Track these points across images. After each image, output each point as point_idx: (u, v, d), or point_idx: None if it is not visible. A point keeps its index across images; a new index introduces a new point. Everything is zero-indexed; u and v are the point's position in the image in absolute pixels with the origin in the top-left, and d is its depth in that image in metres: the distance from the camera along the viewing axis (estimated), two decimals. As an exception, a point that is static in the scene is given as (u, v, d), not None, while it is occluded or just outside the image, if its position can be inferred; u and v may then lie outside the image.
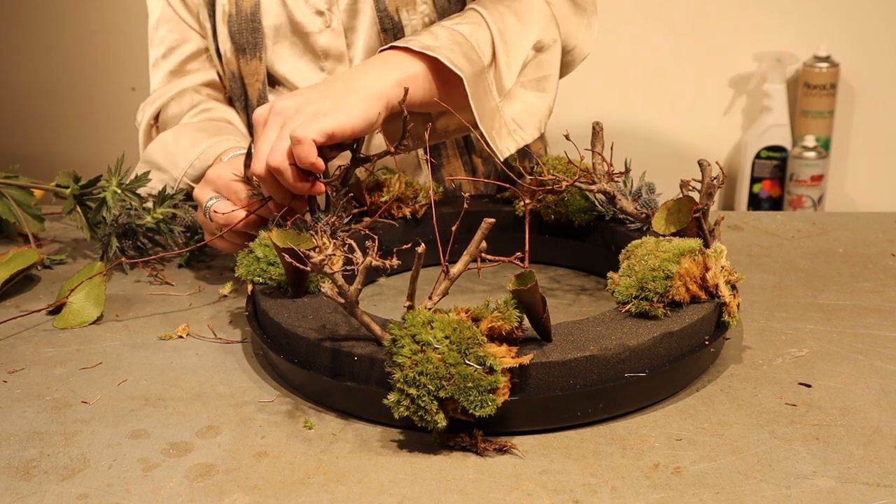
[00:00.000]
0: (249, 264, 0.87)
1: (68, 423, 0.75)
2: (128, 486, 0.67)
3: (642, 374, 0.74)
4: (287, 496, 0.65)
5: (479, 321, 0.71)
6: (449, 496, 0.65)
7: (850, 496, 0.64)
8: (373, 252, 0.72)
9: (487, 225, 0.72)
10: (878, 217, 1.22)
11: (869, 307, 0.94)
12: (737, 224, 1.20)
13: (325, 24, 1.20)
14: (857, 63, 2.27)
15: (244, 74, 1.22)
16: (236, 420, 0.75)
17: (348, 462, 0.69)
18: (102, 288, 0.96)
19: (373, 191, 1.03)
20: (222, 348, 0.88)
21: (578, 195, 0.99)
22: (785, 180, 2.30)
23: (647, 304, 0.78)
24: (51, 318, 0.96)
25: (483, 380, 0.67)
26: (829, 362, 0.82)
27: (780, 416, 0.74)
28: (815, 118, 2.26)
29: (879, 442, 0.70)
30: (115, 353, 0.88)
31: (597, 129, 0.89)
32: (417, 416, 0.68)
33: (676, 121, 2.34)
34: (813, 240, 1.14)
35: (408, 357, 0.67)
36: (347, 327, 0.78)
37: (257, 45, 1.21)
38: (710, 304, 0.80)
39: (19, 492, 0.66)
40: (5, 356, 0.88)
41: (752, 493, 0.64)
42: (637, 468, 0.67)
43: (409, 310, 0.72)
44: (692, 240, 0.82)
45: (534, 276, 0.69)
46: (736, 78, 2.32)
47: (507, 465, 0.68)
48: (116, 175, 1.09)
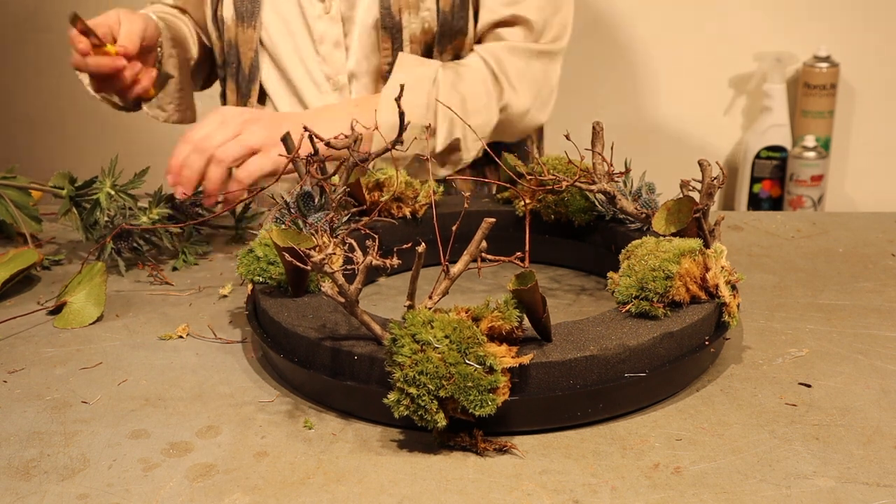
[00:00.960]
0: (249, 264, 0.87)
1: (68, 423, 0.75)
2: (128, 486, 0.67)
3: (642, 374, 0.74)
4: (287, 496, 0.65)
5: (479, 321, 0.71)
6: (449, 496, 0.65)
7: (850, 496, 0.64)
8: (373, 251, 0.72)
9: (488, 225, 0.72)
10: (878, 217, 1.22)
11: (869, 307, 0.94)
12: (737, 224, 1.20)
13: (325, 10, 1.24)
14: (857, 63, 2.27)
15: (239, 42, 1.28)
16: (236, 420, 0.75)
17: (348, 462, 0.69)
18: (102, 288, 0.96)
19: (373, 190, 1.03)
20: (222, 348, 0.88)
21: (578, 195, 0.99)
22: (785, 180, 2.30)
23: (647, 304, 0.78)
24: (51, 318, 0.96)
25: (483, 379, 0.67)
26: (829, 362, 0.82)
27: (780, 416, 0.74)
28: (815, 118, 2.26)
29: (879, 442, 0.70)
30: (115, 353, 0.88)
31: (597, 129, 0.89)
32: (417, 415, 0.68)
33: (676, 121, 2.34)
34: (813, 240, 1.14)
35: (408, 356, 0.67)
36: (347, 327, 0.78)
37: (254, 13, 1.26)
38: (710, 305, 0.80)
39: (19, 492, 0.66)
40: (5, 356, 0.88)
41: (752, 493, 0.64)
42: (637, 468, 0.67)
43: (410, 309, 0.72)
44: (692, 240, 0.82)
45: (534, 276, 0.69)
46: (736, 78, 2.32)
47: (507, 465, 0.68)
48: (110, 176, 1.09)
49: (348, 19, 1.24)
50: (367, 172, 1.03)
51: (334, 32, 1.25)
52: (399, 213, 1.03)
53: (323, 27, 1.25)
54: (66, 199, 1.10)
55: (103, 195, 1.08)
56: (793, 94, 2.29)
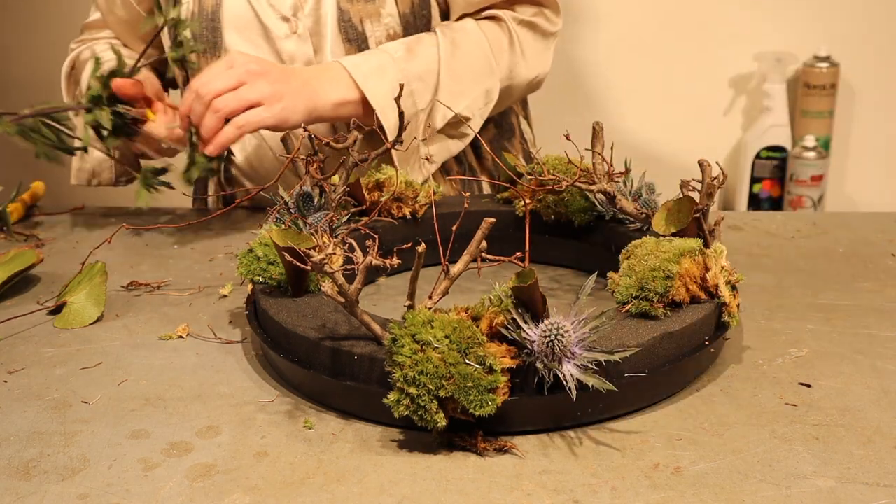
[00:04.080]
0: (249, 264, 0.87)
1: (68, 423, 0.75)
2: (128, 486, 0.67)
3: (642, 374, 0.74)
4: (287, 496, 0.65)
5: (479, 320, 0.71)
6: (449, 496, 0.65)
7: (850, 496, 0.64)
8: (373, 251, 0.72)
9: (488, 224, 0.72)
10: (878, 217, 1.22)
11: (869, 307, 0.94)
12: (737, 224, 1.20)
13: (292, 29, 1.22)
14: (857, 63, 2.27)
15: None
16: (236, 420, 0.75)
17: (348, 462, 0.69)
18: (103, 288, 0.96)
19: (373, 190, 1.03)
20: (222, 348, 0.88)
21: (578, 195, 0.99)
22: (785, 180, 2.30)
23: (647, 304, 0.78)
24: (51, 318, 0.96)
25: (483, 379, 0.67)
26: (829, 362, 0.82)
27: (780, 416, 0.74)
28: (815, 118, 2.26)
29: (879, 442, 0.70)
30: (115, 353, 0.88)
31: (597, 129, 0.89)
32: (417, 415, 0.68)
33: (677, 121, 2.34)
34: (813, 240, 1.14)
35: (408, 356, 0.67)
36: (347, 327, 0.78)
37: (217, 44, 1.23)
38: (710, 305, 0.80)
39: (19, 492, 0.66)
40: (5, 356, 0.88)
41: (752, 493, 0.64)
42: (637, 468, 0.67)
43: (410, 309, 0.72)
44: (692, 240, 0.82)
45: (533, 274, 0.69)
46: (736, 78, 2.32)
47: (507, 465, 0.68)
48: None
49: (316, 34, 1.22)
50: (366, 173, 1.04)
51: (304, 51, 1.22)
52: (399, 213, 1.03)
53: (292, 47, 1.22)
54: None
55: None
56: (793, 94, 2.30)
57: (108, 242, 1.05)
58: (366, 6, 1.20)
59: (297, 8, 1.21)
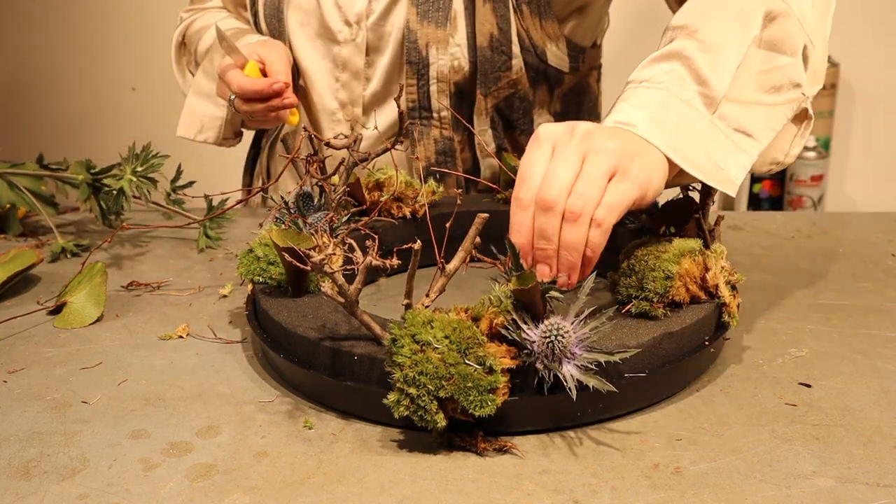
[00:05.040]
0: (249, 264, 0.87)
1: (68, 423, 0.75)
2: (128, 486, 0.67)
3: (642, 375, 0.74)
4: (287, 496, 0.65)
5: (479, 321, 0.71)
6: (449, 496, 0.65)
7: (850, 496, 0.64)
8: (373, 251, 0.72)
9: (481, 220, 0.72)
10: (878, 217, 1.22)
11: (869, 307, 0.94)
12: (737, 224, 1.20)
13: (351, 36, 1.20)
14: (857, 63, 2.27)
15: None
16: (236, 420, 0.75)
17: (348, 462, 0.69)
18: (103, 288, 0.96)
19: (373, 190, 1.03)
20: (222, 348, 0.88)
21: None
22: (785, 180, 2.30)
23: (647, 304, 0.78)
24: (51, 318, 0.96)
25: (483, 380, 0.67)
26: (829, 362, 0.82)
27: (780, 416, 0.74)
28: (815, 118, 2.26)
29: (879, 442, 0.70)
30: (115, 353, 0.88)
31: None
32: (417, 415, 0.68)
33: (676, 121, 2.34)
34: (813, 240, 1.14)
35: (408, 357, 0.67)
36: (347, 327, 0.78)
37: (282, 33, 1.23)
38: (710, 305, 0.80)
39: (19, 492, 0.66)
40: (5, 356, 0.88)
41: (752, 493, 0.64)
42: (637, 468, 0.67)
43: (407, 308, 0.72)
44: (692, 240, 0.82)
45: (534, 276, 0.69)
46: (736, 78, 2.32)
47: (507, 465, 0.68)
48: (130, 163, 1.09)
49: (374, 49, 1.20)
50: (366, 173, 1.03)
51: (356, 62, 1.20)
52: (399, 213, 1.03)
53: (346, 53, 1.20)
54: (84, 185, 1.10)
55: (126, 182, 1.08)
56: (793, 94, 2.29)
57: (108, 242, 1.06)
58: (435, 31, 1.15)
59: (363, 16, 1.18)
